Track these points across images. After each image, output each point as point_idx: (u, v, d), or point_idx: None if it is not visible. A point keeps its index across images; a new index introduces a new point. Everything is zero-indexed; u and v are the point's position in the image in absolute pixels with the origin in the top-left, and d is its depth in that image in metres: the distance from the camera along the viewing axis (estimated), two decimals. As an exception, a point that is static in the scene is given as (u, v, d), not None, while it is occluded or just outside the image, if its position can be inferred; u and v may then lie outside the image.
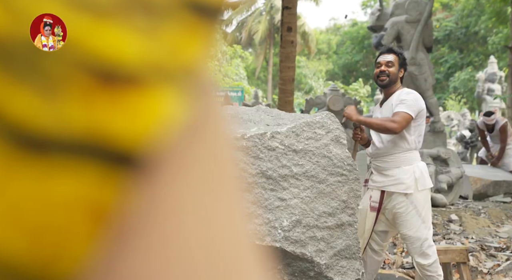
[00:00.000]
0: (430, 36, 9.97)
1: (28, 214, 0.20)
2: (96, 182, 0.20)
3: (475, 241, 5.44)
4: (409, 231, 3.35)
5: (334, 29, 42.14)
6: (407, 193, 3.33)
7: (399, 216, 3.37)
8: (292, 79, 7.48)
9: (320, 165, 2.97)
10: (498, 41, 23.56)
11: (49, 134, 0.20)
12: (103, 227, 0.20)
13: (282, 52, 7.42)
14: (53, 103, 0.20)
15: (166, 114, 0.21)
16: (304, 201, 2.91)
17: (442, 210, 6.26)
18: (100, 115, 0.21)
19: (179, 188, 0.22)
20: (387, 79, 3.43)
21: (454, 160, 6.62)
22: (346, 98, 10.98)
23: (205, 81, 0.24)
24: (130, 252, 0.20)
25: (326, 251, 2.92)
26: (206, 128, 0.24)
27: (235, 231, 0.24)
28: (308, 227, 2.89)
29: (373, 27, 10.60)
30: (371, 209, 3.44)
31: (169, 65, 0.22)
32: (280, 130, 2.92)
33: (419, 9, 9.72)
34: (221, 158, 0.24)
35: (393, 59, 3.47)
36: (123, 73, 0.21)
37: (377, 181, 3.44)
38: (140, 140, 0.21)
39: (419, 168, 3.38)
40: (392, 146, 3.39)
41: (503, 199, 7.44)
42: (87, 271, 0.20)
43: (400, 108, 3.32)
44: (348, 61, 34.84)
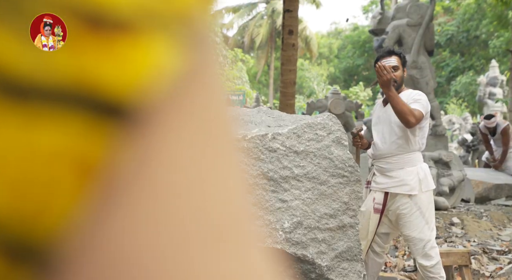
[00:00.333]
0: (431, 39, 9.96)
1: (9, 165, 0.19)
2: (83, 134, 0.19)
3: (477, 244, 5.42)
4: (413, 232, 3.34)
5: (335, 33, 42.18)
6: (411, 194, 3.32)
7: (403, 217, 3.35)
8: (293, 82, 7.47)
9: (322, 167, 2.95)
10: (499, 45, 23.58)
11: (32, 81, 0.19)
12: (90, 182, 0.19)
13: (283, 55, 7.42)
14: (36, 47, 0.20)
15: (158, 63, 0.20)
16: (305, 202, 2.89)
17: (444, 213, 6.24)
18: (87, 61, 0.20)
19: (171, 144, 0.21)
20: (396, 85, 3.40)
21: (455, 163, 6.61)
22: (347, 102, 10.97)
23: (201, 31, 0.23)
24: (117, 210, 0.19)
25: (327, 253, 2.91)
26: (202, 80, 0.23)
27: (230, 195, 0.23)
28: (309, 229, 2.88)
29: (374, 31, 10.61)
30: (374, 211, 3.42)
31: (162, 11, 0.21)
32: (281, 132, 2.91)
33: (420, 12, 9.72)
34: (217, 113, 0.23)
35: (397, 62, 3.45)
36: (112, 18, 0.20)
37: (380, 182, 3.42)
38: (130, 89, 0.20)
39: (422, 169, 3.38)
40: (396, 147, 3.37)
41: (505, 202, 7.41)
42: (72, 228, 0.19)
43: (417, 106, 3.31)
44: (349, 65, 34.87)
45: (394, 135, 3.37)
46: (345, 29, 40.91)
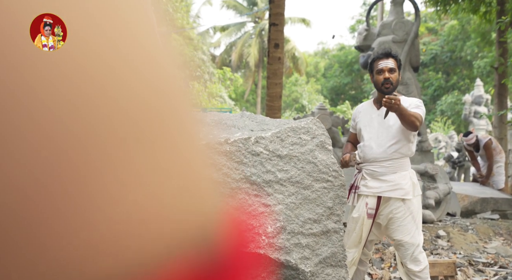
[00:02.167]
0: (416, 56, 10.05)
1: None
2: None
3: (463, 257, 5.39)
4: (405, 236, 3.30)
5: (323, 53, 42.49)
6: (405, 199, 3.29)
7: (395, 221, 3.31)
8: (279, 96, 7.47)
9: (305, 171, 2.92)
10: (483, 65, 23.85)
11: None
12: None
13: (269, 69, 7.42)
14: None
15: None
16: (289, 207, 2.85)
17: (430, 226, 6.22)
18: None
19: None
20: (392, 87, 3.41)
21: (441, 176, 6.60)
22: (334, 117, 10.98)
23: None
24: None
25: (311, 259, 2.86)
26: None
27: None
28: (293, 234, 2.83)
29: (360, 47, 10.68)
30: (368, 217, 3.37)
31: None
32: (264, 135, 2.88)
33: (405, 29, 9.82)
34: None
35: (394, 64, 3.46)
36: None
37: (373, 187, 3.36)
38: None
39: (413, 174, 3.39)
40: (392, 151, 3.34)
41: (491, 216, 7.41)
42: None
43: (418, 111, 3.32)
44: (336, 84, 35.08)
45: (393, 139, 3.34)
46: (332, 49, 41.24)
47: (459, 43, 28.10)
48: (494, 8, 11.38)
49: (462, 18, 23.58)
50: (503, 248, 5.76)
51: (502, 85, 10.93)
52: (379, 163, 3.35)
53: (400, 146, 3.33)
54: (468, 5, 11.40)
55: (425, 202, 6.31)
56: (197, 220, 0.30)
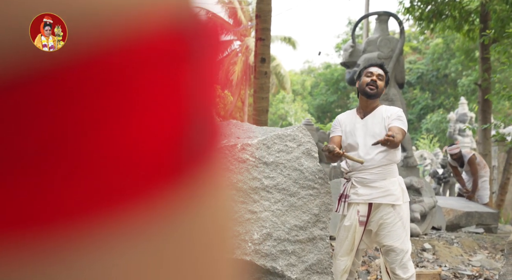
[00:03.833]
0: (401, 72, 10.17)
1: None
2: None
3: (448, 269, 5.41)
4: (396, 242, 3.32)
5: (309, 71, 42.78)
6: (395, 204, 3.32)
7: (385, 227, 3.33)
8: (266, 110, 7.50)
9: (292, 178, 2.93)
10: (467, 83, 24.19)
11: None
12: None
13: (256, 83, 7.46)
14: None
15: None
16: (275, 214, 2.86)
17: (416, 239, 6.24)
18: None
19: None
20: (376, 90, 3.46)
21: (427, 190, 6.65)
22: (320, 133, 11.04)
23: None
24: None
25: (297, 265, 2.86)
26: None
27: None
28: (279, 241, 2.84)
29: (346, 63, 10.79)
30: (360, 224, 3.37)
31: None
32: (251, 142, 2.89)
33: (390, 46, 9.95)
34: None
35: (383, 75, 3.53)
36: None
37: (363, 194, 3.37)
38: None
39: (402, 180, 3.43)
40: (380, 158, 3.37)
41: (476, 230, 7.46)
42: None
43: (400, 124, 3.39)
44: (322, 102, 35.28)
45: (380, 146, 3.37)
46: (318, 67, 41.55)
47: (444, 62, 28.49)
48: (477, 26, 11.59)
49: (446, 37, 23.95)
50: (488, 261, 5.79)
51: (485, 101, 11.08)
52: (368, 171, 3.37)
53: (387, 153, 3.37)
54: (452, 23, 11.59)
55: (411, 215, 6.33)
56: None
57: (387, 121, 3.41)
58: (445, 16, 11.49)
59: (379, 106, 3.55)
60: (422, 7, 11.40)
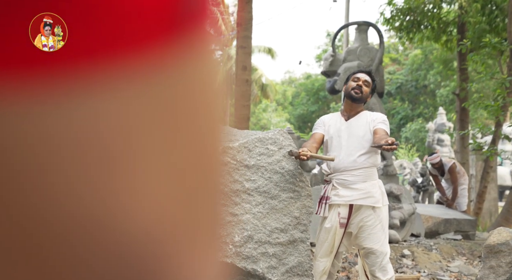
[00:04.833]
0: (381, 81, 10.26)
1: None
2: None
3: (427, 275, 5.47)
4: (375, 244, 3.35)
5: (290, 82, 42.98)
6: (375, 207, 3.36)
7: (366, 229, 3.36)
8: (247, 118, 7.52)
9: (273, 181, 2.95)
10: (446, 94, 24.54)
11: None
12: None
13: (237, 91, 7.49)
14: None
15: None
16: (256, 216, 2.87)
17: (395, 245, 6.29)
18: None
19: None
20: (360, 95, 3.52)
21: (406, 197, 6.71)
22: (301, 141, 11.09)
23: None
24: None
25: (278, 268, 2.87)
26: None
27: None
28: (260, 243, 2.85)
29: (326, 72, 10.87)
30: (340, 226, 3.39)
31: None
32: (232, 145, 2.91)
33: (370, 55, 10.05)
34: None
35: (370, 82, 3.59)
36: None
37: (344, 195, 3.39)
38: None
39: (381, 183, 3.47)
40: (362, 160, 3.41)
41: (454, 236, 7.55)
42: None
43: (386, 128, 3.45)
44: (303, 112, 35.43)
45: (362, 149, 3.42)
46: (299, 77, 41.78)
47: (423, 72, 28.87)
48: (454, 36, 11.79)
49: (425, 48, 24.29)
50: (466, 267, 5.87)
51: (463, 110, 11.25)
52: (349, 172, 3.41)
53: (369, 156, 3.41)
54: (430, 34, 11.77)
55: (390, 222, 6.38)
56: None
57: (371, 124, 3.46)
58: (423, 26, 11.68)
59: (364, 111, 3.62)
60: (402, 18, 11.57)
